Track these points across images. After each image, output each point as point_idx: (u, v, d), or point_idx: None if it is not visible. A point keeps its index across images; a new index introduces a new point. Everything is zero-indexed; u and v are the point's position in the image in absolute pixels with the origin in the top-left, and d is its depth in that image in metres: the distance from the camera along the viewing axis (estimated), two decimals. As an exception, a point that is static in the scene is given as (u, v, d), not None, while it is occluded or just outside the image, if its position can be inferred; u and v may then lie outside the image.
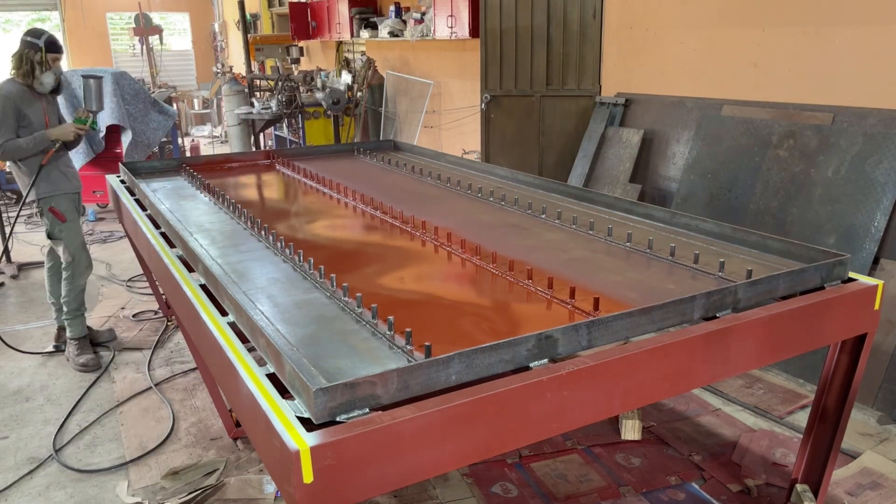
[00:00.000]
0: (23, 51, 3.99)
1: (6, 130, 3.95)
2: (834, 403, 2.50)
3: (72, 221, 4.26)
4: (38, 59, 4.00)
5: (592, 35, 5.48)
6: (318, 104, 8.48)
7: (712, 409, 3.59)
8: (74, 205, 4.30)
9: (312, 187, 3.97)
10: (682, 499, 2.89)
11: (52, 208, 4.18)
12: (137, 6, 12.68)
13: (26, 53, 3.98)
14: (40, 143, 4.05)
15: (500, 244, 2.78)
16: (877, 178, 3.67)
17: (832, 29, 3.95)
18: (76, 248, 4.26)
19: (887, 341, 3.46)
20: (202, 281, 2.48)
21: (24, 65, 3.98)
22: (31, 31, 4.05)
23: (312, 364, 1.80)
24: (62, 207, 4.21)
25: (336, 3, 8.96)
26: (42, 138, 4.05)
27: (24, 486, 3.11)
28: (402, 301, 2.28)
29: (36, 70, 4.00)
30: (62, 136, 4.11)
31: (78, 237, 4.29)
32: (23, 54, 3.99)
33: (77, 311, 4.35)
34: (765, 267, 2.44)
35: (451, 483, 2.99)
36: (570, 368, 1.76)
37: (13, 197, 8.83)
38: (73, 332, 4.34)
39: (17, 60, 4.00)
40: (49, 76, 4.06)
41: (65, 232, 4.21)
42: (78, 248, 4.27)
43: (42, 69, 4.02)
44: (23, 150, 4.01)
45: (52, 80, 4.09)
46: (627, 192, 5.00)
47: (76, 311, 4.35)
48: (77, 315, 4.35)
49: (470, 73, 7.04)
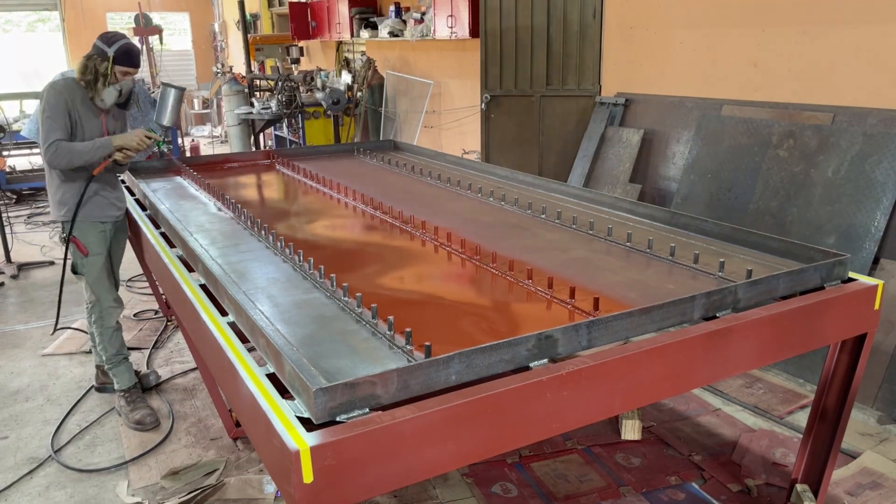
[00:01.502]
0: (90, 56, 3.37)
1: (58, 130, 3.27)
2: (834, 403, 2.50)
3: (96, 256, 3.55)
4: (104, 70, 3.33)
5: (592, 35, 5.47)
6: (318, 104, 8.48)
7: (712, 409, 3.59)
8: (105, 236, 3.59)
9: (312, 187, 3.97)
10: (682, 499, 2.89)
11: (74, 238, 3.49)
12: (137, 6, 12.67)
13: (92, 60, 3.35)
14: (101, 150, 3.35)
15: (500, 244, 2.77)
16: (877, 178, 3.67)
17: (832, 29, 3.95)
18: (99, 287, 3.59)
19: (887, 341, 3.46)
20: (202, 281, 2.48)
21: (88, 73, 3.33)
22: (105, 36, 3.40)
23: (312, 364, 1.80)
24: (88, 239, 3.51)
25: (336, 3, 8.96)
26: (105, 145, 3.35)
27: (24, 486, 3.11)
28: (402, 301, 2.27)
29: (99, 82, 3.34)
30: (126, 144, 3.40)
31: (102, 275, 3.59)
32: (89, 60, 3.36)
33: (116, 356, 3.69)
34: (765, 267, 2.44)
35: (451, 483, 2.99)
36: (570, 368, 1.76)
37: (13, 197, 8.84)
38: (120, 384, 3.68)
39: (83, 66, 3.36)
40: (111, 92, 3.38)
41: (86, 267, 3.54)
42: (102, 287, 3.60)
43: (105, 82, 3.34)
44: (79, 156, 3.30)
45: (113, 97, 3.40)
46: (627, 192, 5.00)
47: (115, 357, 3.68)
48: (118, 362, 3.69)
49: (470, 73, 7.04)
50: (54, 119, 3.27)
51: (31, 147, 8.54)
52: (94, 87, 3.33)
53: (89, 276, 3.55)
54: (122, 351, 3.71)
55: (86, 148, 3.32)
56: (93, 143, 3.34)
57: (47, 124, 3.27)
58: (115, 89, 3.38)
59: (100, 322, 3.65)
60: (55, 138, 3.26)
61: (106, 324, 3.65)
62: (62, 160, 3.29)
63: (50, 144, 3.26)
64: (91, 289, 3.59)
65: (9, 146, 8.26)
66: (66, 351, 4.47)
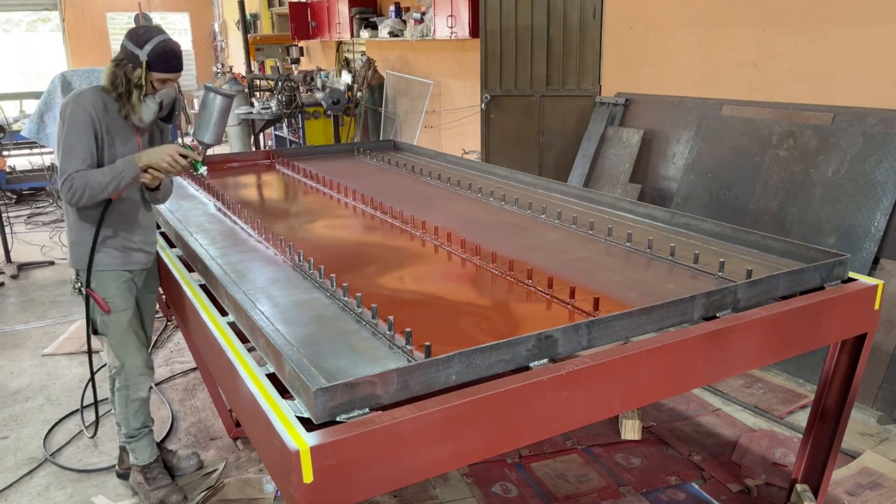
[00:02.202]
0: (118, 61, 2.57)
1: (77, 158, 2.52)
2: (834, 403, 2.50)
3: (119, 313, 2.77)
4: (137, 80, 2.54)
5: (592, 35, 5.47)
6: (318, 104, 8.47)
7: (712, 409, 3.59)
8: (130, 287, 2.82)
9: (312, 187, 3.97)
10: (682, 499, 2.89)
11: (91, 291, 2.73)
12: (137, 6, 12.66)
13: (122, 67, 2.56)
14: (127, 173, 2.54)
15: (500, 244, 2.77)
16: (877, 178, 3.67)
17: (832, 29, 3.95)
18: (124, 350, 2.81)
19: (887, 341, 3.46)
20: (202, 281, 2.48)
21: (118, 84, 2.56)
22: (135, 34, 2.57)
23: (312, 364, 1.80)
24: (109, 292, 2.75)
25: (336, 3, 8.96)
26: (129, 165, 2.54)
27: (24, 486, 3.11)
28: (402, 301, 2.27)
29: (133, 95, 2.56)
30: (153, 162, 2.56)
31: (128, 335, 2.81)
32: (118, 67, 2.56)
33: (140, 430, 2.94)
34: (765, 267, 2.44)
35: (451, 483, 2.99)
36: (570, 368, 1.76)
37: (13, 197, 8.84)
38: (139, 458, 2.96)
39: (111, 75, 2.58)
40: (149, 107, 2.61)
41: (108, 327, 2.78)
42: (127, 350, 2.82)
43: (141, 95, 2.57)
44: (99, 185, 2.52)
45: (151, 113, 2.63)
46: (627, 192, 5.00)
47: (138, 430, 2.94)
48: (140, 436, 2.95)
49: (470, 73, 7.04)
50: (75, 144, 2.53)
51: (30, 147, 8.54)
52: (128, 101, 2.57)
53: (112, 337, 2.79)
54: (147, 423, 2.97)
55: (106, 174, 2.53)
56: (112, 167, 2.55)
57: (65, 150, 2.53)
58: (154, 102, 2.62)
59: (124, 392, 2.87)
60: (73, 170, 2.51)
61: (133, 395, 2.87)
62: (80, 195, 2.51)
63: (66, 179, 2.51)
64: (114, 352, 2.82)
65: (9, 146, 8.25)
66: (66, 351, 4.47)
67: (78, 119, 2.53)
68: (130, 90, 2.56)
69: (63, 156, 2.53)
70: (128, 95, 2.57)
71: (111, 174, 2.53)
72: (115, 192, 2.57)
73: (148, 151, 2.58)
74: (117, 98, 2.58)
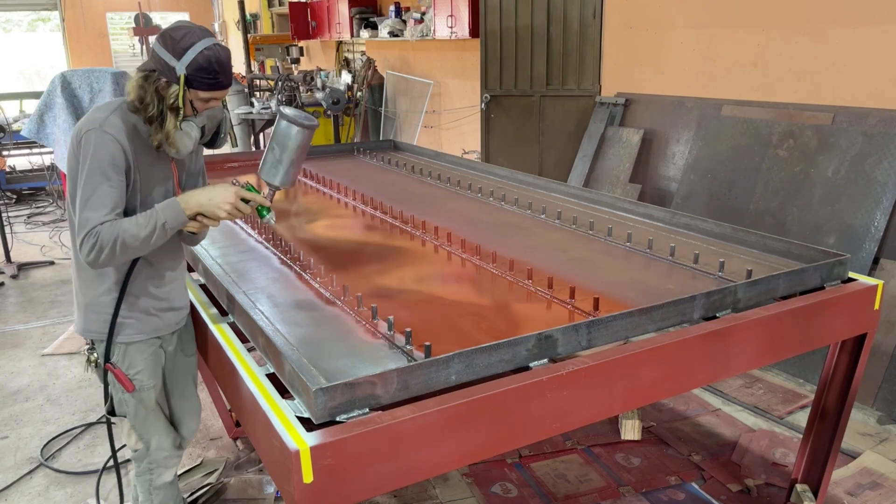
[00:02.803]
0: (147, 74, 1.97)
1: (104, 203, 1.91)
2: (834, 403, 2.50)
3: (147, 391, 2.20)
4: (174, 100, 1.95)
5: (592, 35, 5.47)
6: (318, 104, 8.47)
7: (712, 409, 3.59)
8: (159, 358, 2.23)
9: (312, 187, 3.97)
10: (681, 499, 2.89)
11: (111, 365, 2.13)
12: (137, 6, 12.67)
13: (152, 82, 1.96)
14: (168, 223, 1.96)
15: (500, 244, 2.77)
16: (877, 178, 3.67)
17: (832, 29, 3.95)
18: (149, 429, 2.27)
19: (887, 341, 3.46)
20: (202, 281, 2.48)
21: (149, 105, 1.96)
22: (170, 39, 1.96)
23: (312, 364, 1.80)
24: (135, 367, 2.16)
25: (336, 3, 8.96)
26: (173, 214, 1.96)
27: (24, 486, 3.11)
28: (402, 301, 2.27)
29: (167, 120, 1.96)
30: (207, 210, 2.01)
31: (154, 414, 2.27)
32: (147, 81, 1.96)
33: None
34: (765, 267, 2.44)
35: (451, 483, 2.99)
36: (570, 368, 1.76)
37: (13, 197, 8.85)
38: None
39: (138, 91, 1.97)
40: (189, 135, 2.02)
41: (132, 406, 2.20)
42: (153, 429, 2.28)
43: (178, 118, 1.98)
44: (134, 241, 1.92)
45: (192, 142, 2.03)
46: (627, 192, 5.00)
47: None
48: None
49: (470, 73, 7.04)
50: (99, 186, 1.90)
51: (30, 147, 8.53)
52: (160, 127, 1.97)
53: (135, 417, 2.22)
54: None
55: (143, 225, 1.92)
56: (150, 215, 1.94)
57: (85, 194, 1.90)
58: (195, 129, 2.03)
59: (147, 477, 2.33)
60: (97, 221, 1.88)
61: (157, 480, 2.34)
62: (109, 254, 1.90)
63: (88, 233, 1.88)
64: (136, 433, 2.25)
65: (9, 146, 8.25)
66: (66, 351, 4.47)
67: (103, 153, 1.91)
68: (164, 113, 1.96)
69: (83, 201, 1.90)
70: (160, 120, 1.96)
71: (150, 225, 1.92)
72: (154, 247, 1.98)
73: (198, 194, 2.01)
74: (147, 121, 1.98)
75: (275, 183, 2.14)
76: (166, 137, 1.98)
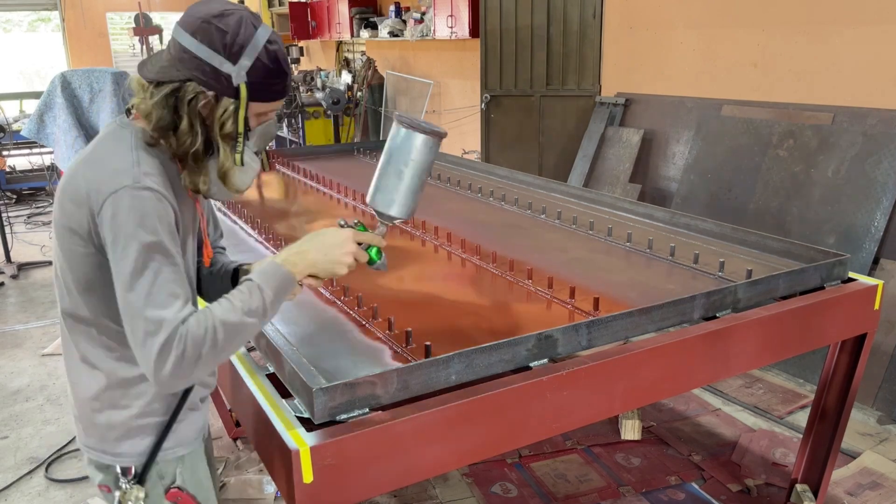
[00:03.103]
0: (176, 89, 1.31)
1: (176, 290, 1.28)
2: (834, 403, 2.50)
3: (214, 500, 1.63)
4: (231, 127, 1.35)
5: (592, 35, 5.47)
6: (318, 104, 8.47)
7: (712, 409, 3.59)
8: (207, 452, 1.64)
9: (312, 187, 3.97)
10: (681, 499, 2.89)
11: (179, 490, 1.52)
12: (137, 6, 12.66)
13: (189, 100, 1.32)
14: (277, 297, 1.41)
15: (500, 244, 2.77)
16: (877, 178, 3.67)
17: (832, 29, 3.95)
18: None
19: (887, 341, 3.46)
20: (202, 281, 2.47)
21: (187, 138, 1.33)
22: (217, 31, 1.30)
23: (312, 364, 1.80)
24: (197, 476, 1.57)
25: (336, 3, 8.96)
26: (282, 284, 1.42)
27: (23, 486, 3.11)
28: (402, 301, 2.27)
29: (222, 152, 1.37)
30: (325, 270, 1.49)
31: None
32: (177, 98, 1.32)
33: None
34: (765, 267, 2.44)
35: (451, 483, 2.99)
36: (570, 368, 1.76)
37: (13, 197, 8.85)
38: None
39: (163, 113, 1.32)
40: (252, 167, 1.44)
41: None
42: None
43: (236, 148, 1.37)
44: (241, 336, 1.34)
45: (253, 176, 1.46)
46: (627, 192, 5.00)
47: None
48: None
49: (470, 73, 7.04)
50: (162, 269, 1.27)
51: (30, 147, 8.53)
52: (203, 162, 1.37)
53: None
54: None
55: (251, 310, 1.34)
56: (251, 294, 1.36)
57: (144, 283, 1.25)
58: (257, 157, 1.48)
59: None
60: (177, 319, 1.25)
61: None
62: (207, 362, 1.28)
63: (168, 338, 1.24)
64: None
65: (9, 146, 8.25)
66: (66, 351, 4.47)
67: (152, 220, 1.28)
68: (209, 145, 1.36)
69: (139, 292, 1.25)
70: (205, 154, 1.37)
71: (258, 307, 1.36)
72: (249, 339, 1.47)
73: (307, 250, 1.47)
74: (180, 157, 1.37)
75: (392, 213, 1.60)
76: (223, 177, 1.38)
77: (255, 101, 1.37)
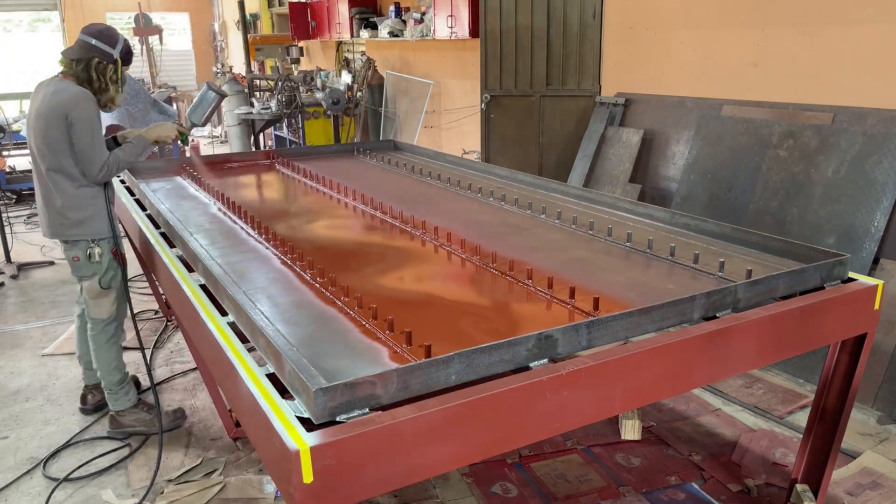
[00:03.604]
0: (91, 60, 3.13)
1: (103, 145, 3.18)
2: (834, 403, 2.50)
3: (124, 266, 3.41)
4: (112, 76, 3.18)
5: (592, 35, 5.47)
6: (318, 104, 8.47)
7: (712, 409, 3.59)
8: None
9: (312, 187, 3.97)
10: (682, 499, 2.89)
11: (116, 250, 3.34)
12: (137, 6, 12.68)
13: (97, 66, 3.14)
14: (138, 149, 3.34)
15: (500, 244, 2.77)
16: (877, 178, 3.67)
17: (832, 29, 3.95)
18: (123, 299, 3.43)
19: (887, 341, 3.46)
20: (202, 281, 2.48)
21: (96, 80, 3.14)
22: (101, 34, 3.17)
23: (312, 364, 1.80)
24: (120, 246, 3.39)
25: (336, 3, 8.96)
26: (142, 144, 3.35)
27: (23, 486, 3.11)
28: (402, 301, 2.27)
29: (110, 89, 3.19)
30: (162, 137, 3.44)
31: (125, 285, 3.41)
32: (92, 66, 3.13)
33: (123, 380, 3.46)
34: (765, 267, 2.44)
35: (451, 483, 2.99)
36: (570, 368, 1.76)
37: (13, 197, 8.84)
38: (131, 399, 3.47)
39: (85, 74, 3.14)
40: (121, 96, 3.29)
41: (117, 279, 3.36)
42: (123, 299, 3.43)
43: (118, 87, 3.22)
44: (124, 164, 3.27)
45: (123, 99, 3.40)
46: (627, 192, 5.00)
47: (122, 380, 3.46)
48: (123, 386, 3.46)
49: (470, 73, 7.04)
50: (98, 135, 3.11)
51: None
52: (106, 93, 3.18)
53: (119, 287, 3.36)
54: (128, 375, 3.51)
55: (129, 153, 3.25)
56: (131, 147, 3.28)
57: (95, 142, 3.10)
58: (122, 90, 3.29)
59: (115, 340, 3.41)
60: (104, 157, 3.13)
61: (120, 340, 3.45)
62: (111, 174, 3.19)
63: (103, 165, 3.12)
64: (118, 303, 3.38)
65: (9, 146, 8.25)
66: (66, 351, 4.47)
67: (94, 114, 3.10)
68: (107, 84, 3.17)
69: (94, 146, 3.09)
70: (105, 89, 3.18)
71: (133, 153, 3.30)
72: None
73: (154, 129, 3.47)
74: (96, 92, 3.14)
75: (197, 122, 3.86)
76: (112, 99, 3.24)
77: (124, 66, 3.20)
